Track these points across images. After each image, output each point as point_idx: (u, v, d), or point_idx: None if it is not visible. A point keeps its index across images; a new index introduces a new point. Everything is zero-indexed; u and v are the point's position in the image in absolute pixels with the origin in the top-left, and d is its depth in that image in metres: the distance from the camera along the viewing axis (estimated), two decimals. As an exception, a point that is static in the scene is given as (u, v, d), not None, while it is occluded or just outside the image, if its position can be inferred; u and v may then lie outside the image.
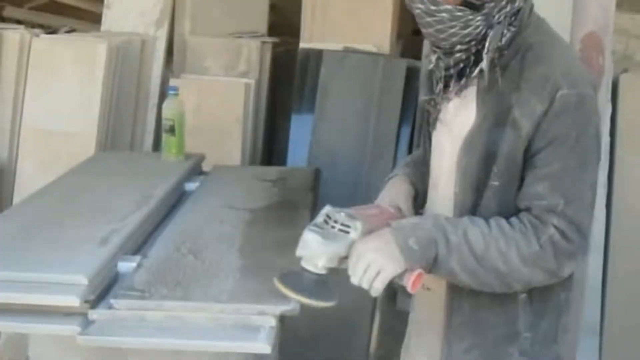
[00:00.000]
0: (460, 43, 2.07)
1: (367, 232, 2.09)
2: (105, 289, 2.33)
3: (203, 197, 3.19)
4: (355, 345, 4.23)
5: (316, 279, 2.09)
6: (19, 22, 6.29)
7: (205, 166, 3.73)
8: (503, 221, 2.05)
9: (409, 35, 5.01)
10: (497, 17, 2.05)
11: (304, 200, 3.13)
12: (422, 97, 2.31)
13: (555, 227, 2.01)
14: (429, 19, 2.05)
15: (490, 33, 2.05)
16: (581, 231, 2.03)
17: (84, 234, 2.58)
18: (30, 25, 5.83)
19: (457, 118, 2.17)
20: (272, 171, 3.69)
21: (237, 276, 2.39)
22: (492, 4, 2.04)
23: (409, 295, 2.26)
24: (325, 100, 4.47)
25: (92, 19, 5.82)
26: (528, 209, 2.05)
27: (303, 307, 2.16)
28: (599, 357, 4.18)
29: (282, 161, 4.72)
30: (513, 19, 2.08)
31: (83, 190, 3.11)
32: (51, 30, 5.03)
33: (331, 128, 4.45)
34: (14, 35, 4.55)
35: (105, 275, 2.37)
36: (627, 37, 4.70)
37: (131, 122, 4.83)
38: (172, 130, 3.50)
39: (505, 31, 2.06)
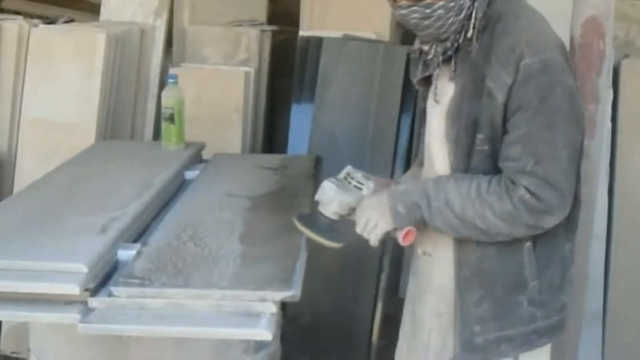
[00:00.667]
0: (458, 29, 2.26)
1: (376, 191, 2.45)
2: (105, 277, 2.33)
3: (203, 185, 3.18)
4: (357, 334, 4.23)
5: (328, 222, 2.45)
6: (17, 13, 6.27)
7: (206, 155, 3.72)
8: (484, 182, 2.23)
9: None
10: None
11: (305, 187, 3.11)
12: (414, 78, 2.52)
13: (526, 187, 2.17)
14: (427, 22, 2.23)
15: (476, 4, 2.24)
16: (556, 188, 2.18)
17: (83, 223, 2.58)
18: (29, 16, 5.81)
19: (445, 92, 2.34)
20: (273, 159, 3.68)
21: (237, 263, 2.38)
22: None
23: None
24: (325, 88, 4.45)
25: (91, 9, 5.80)
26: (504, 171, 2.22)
27: (313, 244, 2.50)
28: (602, 345, 4.16)
29: (282, 150, 4.70)
30: None
31: (83, 179, 3.10)
32: (49, 21, 5.00)
33: (332, 116, 4.43)
34: (12, 25, 4.53)
35: (105, 263, 2.37)
36: (629, 23, 4.69)
37: (131, 112, 4.82)
38: (171, 118, 3.49)
39: None
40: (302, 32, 4.77)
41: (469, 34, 2.24)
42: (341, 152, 4.33)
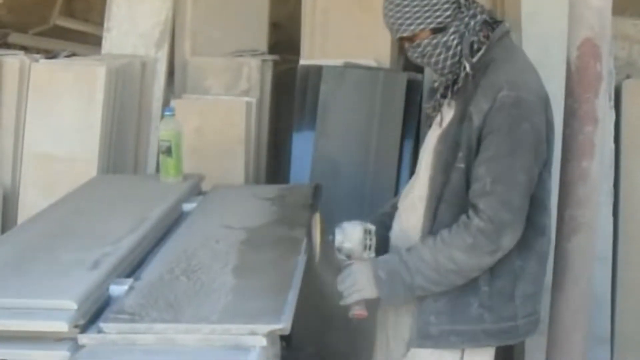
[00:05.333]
0: (455, 65, 2.63)
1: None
2: (96, 312, 2.31)
3: (200, 217, 3.17)
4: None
5: (331, 240, 2.70)
6: (23, 47, 6.31)
7: (208, 185, 3.71)
8: (444, 231, 2.59)
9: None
10: (465, 32, 2.61)
11: (301, 217, 3.09)
12: (425, 105, 2.89)
13: (482, 211, 2.51)
14: (424, 59, 2.67)
15: (463, 42, 2.61)
16: (509, 207, 2.52)
17: (76, 258, 2.57)
18: (36, 50, 5.84)
19: (445, 117, 2.69)
20: (271, 189, 3.66)
21: (229, 296, 2.36)
22: (457, 22, 2.60)
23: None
24: (326, 116, 4.45)
25: (97, 42, 5.81)
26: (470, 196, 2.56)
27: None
28: (610, 366, 4.14)
29: (286, 178, 4.69)
30: (480, 31, 2.63)
31: (79, 213, 3.10)
32: (51, 55, 5.03)
33: (333, 143, 4.42)
34: (14, 61, 4.54)
35: (96, 299, 2.35)
36: (630, 43, 4.67)
37: (134, 144, 4.82)
38: (169, 151, 3.48)
39: (474, 39, 2.62)
40: (303, 61, 4.77)
41: (467, 69, 2.60)
42: (343, 179, 4.32)
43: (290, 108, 4.91)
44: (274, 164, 5.26)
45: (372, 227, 2.72)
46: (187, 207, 3.32)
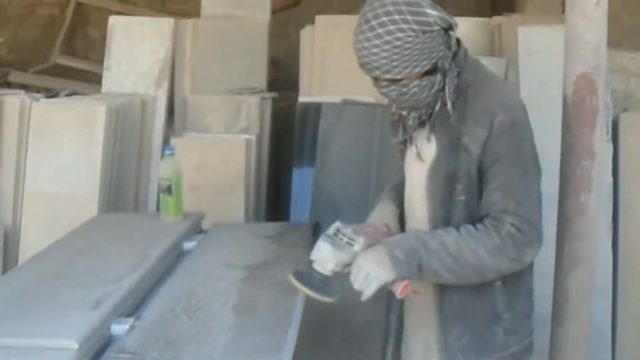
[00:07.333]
0: (432, 99, 2.57)
1: (367, 246, 2.59)
2: (98, 352, 2.32)
3: (200, 255, 3.18)
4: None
5: (323, 279, 2.58)
6: (24, 86, 6.35)
7: (209, 222, 3.71)
8: (470, 226, 2.54)
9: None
10: (447, 65, 2.53)
11: (301, 255, 3.09)
12: (395, 139, 2.76)
13: (511, 224, 2.50)
14: (405, 97, 2.55)
15: (447, 79, 2.54)
16: (533, 225, 2.53)
17: (77, 298, 2.58)
18: (36, 89, 5.89)
19: (425, 151, 2.63)
20: (272, 227, 3.66)
21: (229, 334, 2.37)
22: (441, 60, 2.52)
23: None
24: (325, 153, 4.47)
25: (97, 80, 5.86)
26: (488, 214, 2.54)
27: (310, 301, 2.62)
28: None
29: (286, 214, 4.70)
30: (453, 62, 2.56)
31: (80, 252, 3.10)
32: (52, 94, 5.07)
33: (333, 179, 4.44)
34: (14, 100, 4.58)
35: (98, 338, 2.36)
36: (628, 76, 4.69)
37: (135, 182, 4.84)
38: (169, 190, 3.49)
39: (455, 73, 2.55)
40: (302, 98, 4.80)
41: (447, 105, 2.54)
42: (343, 215, 4.30)
43: (289, 144, 4.94)
44: (274, 200, 5.28)
45: (335, 224, 2.64)
46: (188, 245, 3.33)
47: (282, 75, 6.03)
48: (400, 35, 2.41)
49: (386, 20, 2.41)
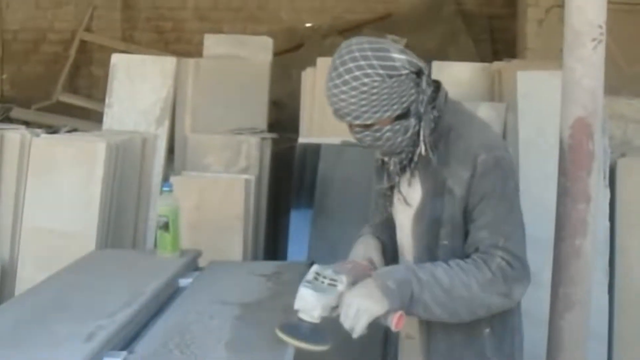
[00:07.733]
0: (409, 144, 2.56)
1: (351, 283, 2.49)
2: (89, 386, 2.31)
3: (196, 292, 3.18)
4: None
5: (312, 327, 2.46)
6: (26, 122, 6.38)
7: (206, 261, 3.71)
8: (459, 260, 2.50)
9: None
10: (421, 109, 2.53)
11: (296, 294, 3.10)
12: (378, 186, 2.79)
13: (501, 257, 2.48)
14: (379, 142, 2.55)
15: (422, 124, 2.54)
16: (522, 261, 2.52)
17: (70, 331, 2.57)
18: (37, 126, 5.91)
19: (410, 195, 2.63)
20: (268, 266, 3.66)
21: (222, 371, 2.36)
22: (414, 104, 2.51)
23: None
24: (324, 194, 4.49)
25: (99, 118, 5.90)
26: (476, 250, 2.50)
27: (302, 353, 2.50)
28: None
29: (284, 255, 4.70)
30: (432, 105, 2.56)
31: (74, 286, 3.11)
32: (52, 131, 5.10)
33: (331, 221, 4.45)
34: (15, 135, 4.62)
35: (89, 372, 2.35)
36: (625, 122, 4.72)
37: (133, 219, 4.85)
38: (166, 226, 3.50)
39: (431, 117, 2.55)
40: (302, 139, 4.83)
41: (422, 150, 2.54)
42: (341, 256, 4.31)
43: (288, 185, 4.95)
44: (272, 240, 5.29)
45: (313, 268, 2.53)
46: (183, 282, 3.33)
47: (284, 117, 6.05)
48: (366, 80, 2.41)
49: (352, 67, 2.42)
